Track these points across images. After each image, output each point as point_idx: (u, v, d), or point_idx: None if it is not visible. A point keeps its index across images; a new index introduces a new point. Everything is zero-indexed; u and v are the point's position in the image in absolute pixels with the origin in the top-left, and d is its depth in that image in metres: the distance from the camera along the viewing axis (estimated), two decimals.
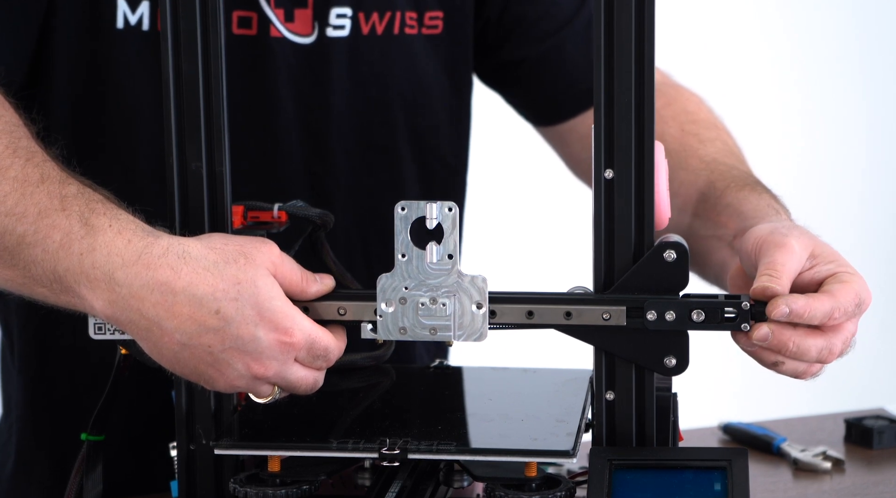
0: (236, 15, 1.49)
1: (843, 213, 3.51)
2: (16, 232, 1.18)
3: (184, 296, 1.15)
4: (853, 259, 1.34)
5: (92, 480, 1.29)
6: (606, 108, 1.20)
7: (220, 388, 1.20)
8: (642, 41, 1.20)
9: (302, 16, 1.50)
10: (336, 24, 1.52)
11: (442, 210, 1.20)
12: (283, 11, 1.50)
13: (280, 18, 1.50)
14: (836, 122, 3.51)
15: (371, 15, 1.53)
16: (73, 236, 1.17)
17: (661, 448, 1.23)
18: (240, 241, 1.19)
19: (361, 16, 1.53)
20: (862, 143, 3.53)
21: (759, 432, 1.60)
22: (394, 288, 1.22)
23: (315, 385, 1.22)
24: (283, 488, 1.21)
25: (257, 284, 1.17)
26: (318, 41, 1.52)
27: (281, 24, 1.49)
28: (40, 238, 1.18)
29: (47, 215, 1.18)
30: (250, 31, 1.49)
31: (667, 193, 1.23)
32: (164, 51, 1.23)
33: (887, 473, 1.54)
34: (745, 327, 1.20)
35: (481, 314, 1.21)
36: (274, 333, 1.17)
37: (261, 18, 1.49)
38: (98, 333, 1.24)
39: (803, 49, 3.47)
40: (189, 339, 1.16)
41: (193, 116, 1.24)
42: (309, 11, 1.51)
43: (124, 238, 1.17)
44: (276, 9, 1.49)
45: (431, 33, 1.58)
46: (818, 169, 3.50)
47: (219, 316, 1.16)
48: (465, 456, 1.21)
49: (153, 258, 1.16)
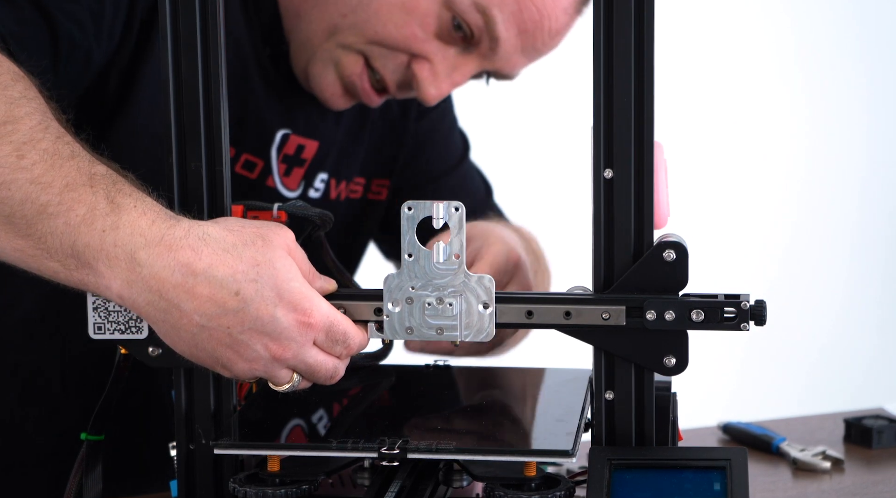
0: (244, 157, 1.64)
1: (842, 213, 3.51)
2: (39, 201, 1.17)
3: (204, 277, 1.16)
4: (853, 259, 1.34)
5: (92, 480, 1.29)
6: (606, 108, 1.20)
7: (238, 372, 1.20)
8: (642, 41, 1.20)
9: (296, 173, 1.70)
10: (316, 187, 1.73)
11: (448, 210, 1.20)
12: (285, 167, 1.68)
13: (280, 172, 1.66)
14: (835, 121, 3.51)
15: (340, 182, 1.75)
16: (98, 212, 1.17)
17: (661, 448, 1.23)
18: (257, 224, 1.20)
19: (333, 181, 1.74)
20: (862, 143, 3.54)
21: (759, 432, 1.61)
22: (400, 288, 1.22)
23: (335, 372, 1.22)
24: (283, 488, 1.21)
25: (276, 266, 1.17)
26: (300, 198, 1.68)
27: (279, 176, 1.67)
28: (63, 210, 1.17)
29: (74, 189, 1.17)
30: (251, 175, 1.66)
31: (667, 193, 1.23)
32: (164, 51, 1.24)
33: (887, 473, 1.54)
34: (744, 327, 1.20)
35: (488, 314, 1.22)
36: (293, 313, 1.17)
37: (265, 168, 1.66)
38: (98, 333, 1.25)
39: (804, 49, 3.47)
40: (208, 320, 1.17)
41: (193, 116, 1.24)
42: (302, 171, 1.70)
43: (148, 218, 1.17)
44: (280, 163, 1.67)
45: (375, 199, 1.81)
46: (818, 169, 3.50)
47: (238, 297, 1.16)
48: (464, 456, 1.21)
49: (175, 240, 1.16)
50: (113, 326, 1.24)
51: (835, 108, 3.49)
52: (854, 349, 3.49)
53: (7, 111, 1.19)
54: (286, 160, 1.68)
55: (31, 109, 1.21)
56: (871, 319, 3.53)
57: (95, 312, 1.24)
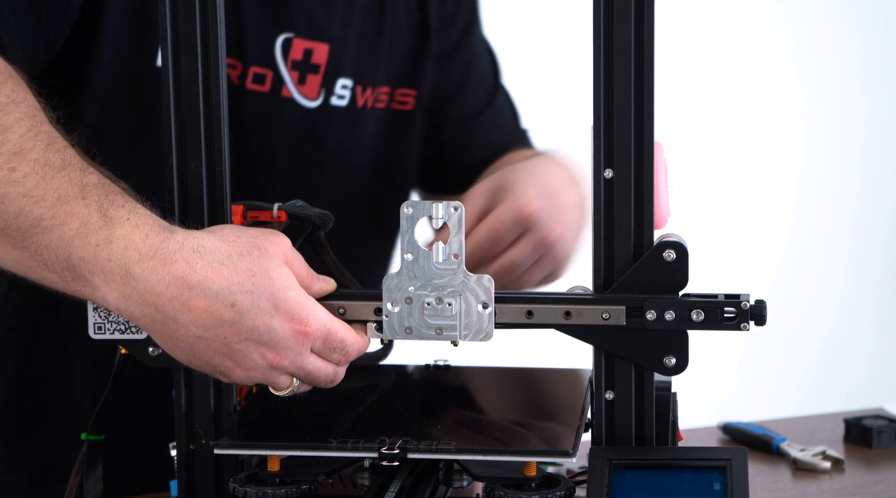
0: (252, 71, 1.56)
1: (841, 213, 3.51)
2: (32, 214, 1.17)
3: (199, 290, 1.16)
4: (852, 258, 1.34)
5: (92, 480, 1.29)
6: (606, 107, 1.20)
7: (237, 379, 1.20)
8: (642, 41, 1.20)
9: (313, 81, 1.61)
10: (339, 94, 1.63)
11: (448, 210, 1.20)
12: (298, 74, 1.59)
13: (293, 80, 1.59)
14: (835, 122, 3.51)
15: (366, 89, 1.65)
16: (91, 226, 1.17)
17: (661, 448, 1.23)
18: (253, 233, 1.20)
19: (359, 89, 1.64)
20: (861, 142, 3.54)
21: (759, 432, 1.60)
22: (400, 288, 1.22)
23: (334, 377, 1.22)
24: (283, 488, 1.21)
25: (272, 276, 1.17)
26: (322, 107, 1.61)
27: (293, 85, 1.59)
28: (57, 224, 1.17)
29: (66, 202, 1.17)
30: (263, 87, 1.58)
31: (667, 193, 1.23)
32: (164, 51, 1.23)
33: (887, 473, 1.54)
34: (744, 327, 1.20)
35: (487, 314, 1.21)
36: (289, 322, 1.17)
37: (275, 77, 1.58)
38: (98, 333, 1.25)
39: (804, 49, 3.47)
40: (205, 331, 1.17)
41: (193, 116, 1.24)
42: (319, 78, 1.61)
43: (142, 232, 1.17)
44: (291, 70, 1.59)
45: (400, 109, 1.71)
46: (817, 169, 3.50)
47: (234, 309, 1.16)
48: (464, 456, 1.21)
49: (169, 253, 1.16)
50: (113, 326, 1.24)
51: (834, 109, 3.49)
52: (854, 349, 3.49)
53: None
54: (297, 67, 1.60)
55: (20, 115, 1.20)
56: (871, 318, 3.53)
57: (95, 312, 1.24)
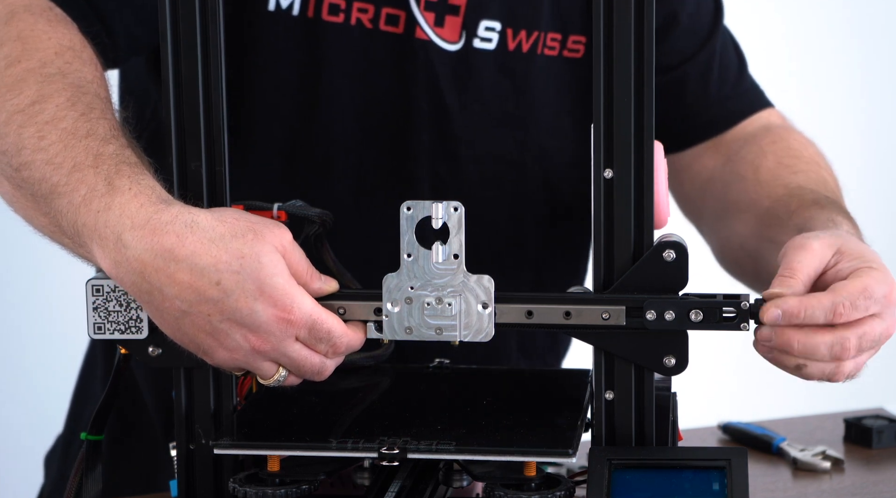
0: (385, 11, 1.51)
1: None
2: (51, 181, 1.21)
3: (185, 264, 1.16)
4: None
5: (92, 480, 1.29)
6: (606, 107, 1.20)
7: (219, 360, 1.20)
8: (642, 41, 1.20)
9: (452, 23, 1.53)
10: (484, 37, 1.54)
11: (448, 210, 1.20)
12: (434, 16, 1.52)
13: (429, 22, 1.52)
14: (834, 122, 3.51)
15: (519, 32, 1.55)
16: (95, 193, 1.19)
17: (661, 448, 1.23)
18: (253, 219, 1.20)
19: (510, 31, 1.55)
20: (861, 142, 3.54)
21: (759, 432, 1.61)
22: (399, 288, 1.22)
23: (321, 369, 1.22)
24: (283, 488, 1.21)
25: (261, 261, 1.17)
26: (464, 50, 1.54)
27: (429, 27, 1.52)
28: (69, 190, 1.20)
29: (79, 169, 1.20)
30: (397, 29, 1.52)
31: (666, 193, 1.23)
32: (164, 51, 1.24)
33: (887, 473, 1.54)
34: (744, 327, 1.20)
35: (487, 314, 1.21)
36: (273, 308, 1.17)
37: (408, 18, 1.52)
38: (98, 333, 1.25)
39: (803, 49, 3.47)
40: (189, 306, 1.17)
41: (193, 116, 1.24)
42: (459, 20, 1.53)
43: (139, 201, 1.18)
44: (425, 12, 1.52)
45: (572, 56, 1.59)
46: None
47: (219, 287, 1.16)
48: (464, 455, 1.21)
49: (161, 224, 1.17)
50: (113, 326, 1.24)
51: (834, 109, 3.49)
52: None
53: (38, 90, 1.23)
54: (431, 7, 1.52)
55: (63, 85, 1.24)
56: None
57: (95, 312, 1.24)
